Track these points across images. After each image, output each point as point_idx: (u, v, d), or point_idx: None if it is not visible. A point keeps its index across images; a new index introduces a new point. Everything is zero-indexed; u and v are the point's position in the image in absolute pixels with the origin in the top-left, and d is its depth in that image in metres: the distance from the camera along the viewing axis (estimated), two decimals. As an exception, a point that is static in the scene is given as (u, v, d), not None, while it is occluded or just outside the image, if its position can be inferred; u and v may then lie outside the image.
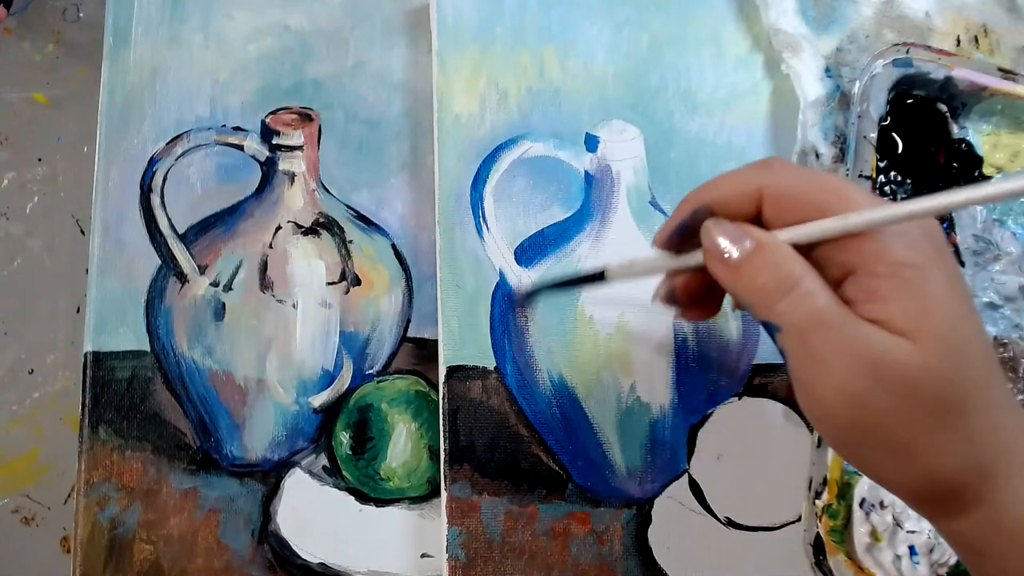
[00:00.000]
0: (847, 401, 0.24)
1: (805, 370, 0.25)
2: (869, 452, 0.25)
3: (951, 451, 0.24)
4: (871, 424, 0.24)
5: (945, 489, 0.25)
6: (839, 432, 0.25)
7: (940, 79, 0.41)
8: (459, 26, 0.41)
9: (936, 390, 0.24)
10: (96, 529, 0.36)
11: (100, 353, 0.38)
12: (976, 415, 0.24)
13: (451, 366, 0.37)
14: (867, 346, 0.24)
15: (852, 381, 0.24)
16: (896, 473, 0.25)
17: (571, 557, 0.36)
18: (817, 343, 0.24)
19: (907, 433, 0.24)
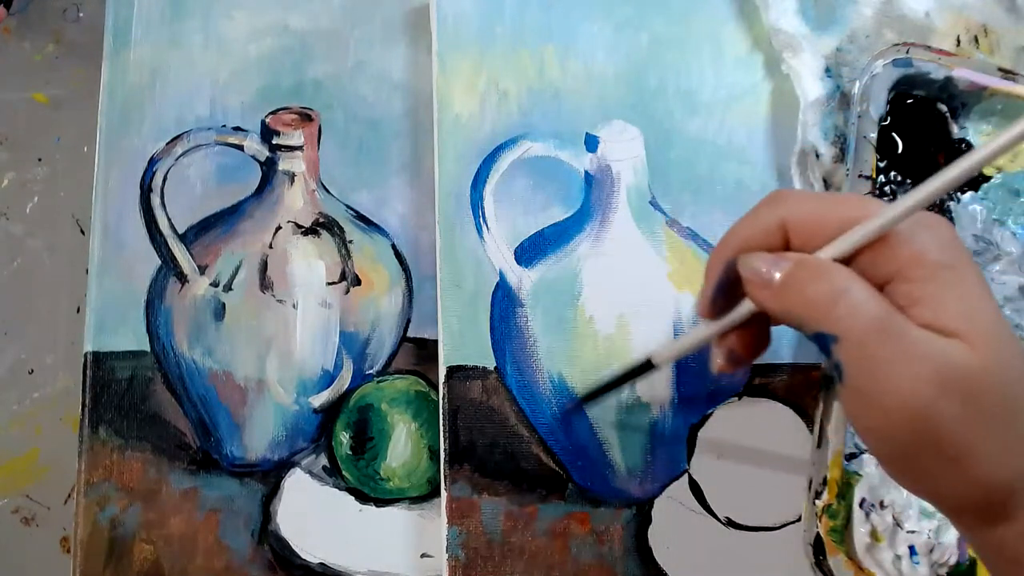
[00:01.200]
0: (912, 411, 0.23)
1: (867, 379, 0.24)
2: (928, 464, 0.24)
3: (1006, 455, 0.24)
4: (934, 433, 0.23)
5: (995, 495, 0.24)
6: (898, 445, 0.24)
7: (940, 79, 0.41)
8: (459, 26, 0.41)
9: (995, 392, 0.23)
10: (96, 529, 0.36)
11: (100, 353, 0.38)
12: None
13: (451, 366, 0.37)
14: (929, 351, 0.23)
15: (919, 389, 0.23)
16: (953, 484, 0.24)
17: (571, 557, 0.36)
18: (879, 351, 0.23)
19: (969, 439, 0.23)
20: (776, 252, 0.26)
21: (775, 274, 0.25)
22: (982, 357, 0.23)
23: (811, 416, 0.38)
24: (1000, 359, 0.23)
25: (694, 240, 0.40)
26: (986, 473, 0.24)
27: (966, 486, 0.24)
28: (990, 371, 0.23)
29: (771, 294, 0.26)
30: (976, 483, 0.24)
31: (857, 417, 0.25)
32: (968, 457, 0.23)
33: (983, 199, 0.42)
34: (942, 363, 0.23)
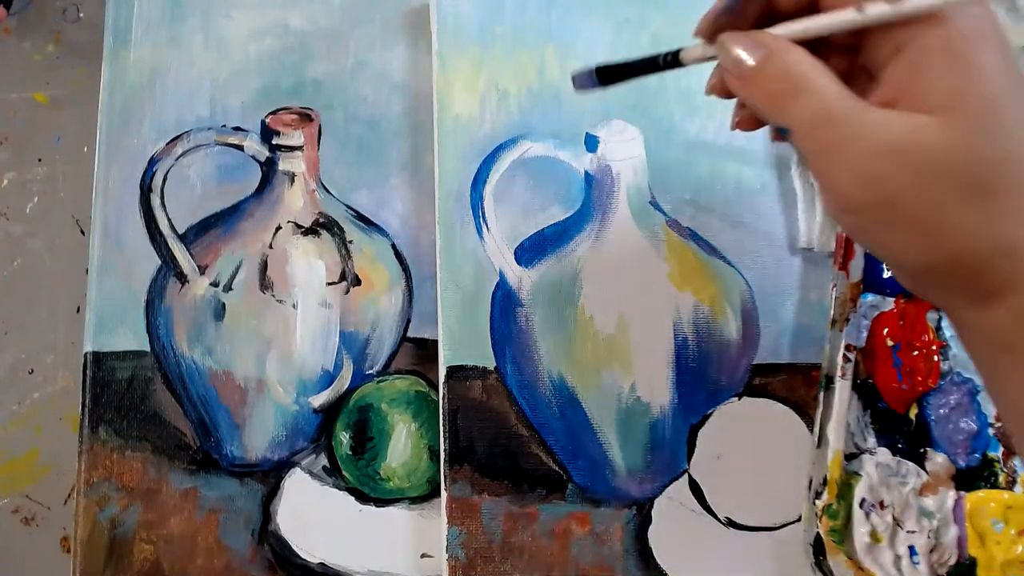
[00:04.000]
0: (863, 185, 0.24)
1: (820, 162, 0.25)
2: (888, 232, 0.25)
3: (978, 229, 0.24)
4: (887, 202, 0.24)
5: (969, 269, 0.24)
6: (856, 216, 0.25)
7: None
8: (459, 26, 0.41)
9: (960, 167, 0.23)
10: (96, 529, 0.36)
11: (100, 353, 0.38)
12: (1010, 195, 0.24)
13: (451, 366, 0.37)
14: (881, 130, 0.24)
15: (866, 163, 0.24)
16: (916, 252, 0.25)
17: (571, 557, 0.36)
18: (827, 136, 0.25)
19: (927, 209, 0.24)
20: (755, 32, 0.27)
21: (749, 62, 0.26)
22: (956, 135, 0.23)
23: (811, 416, 0.38)
24: (982, 138, 0.23)
25: (694, 240, 0.40)
26: (949, 244, 0.24)
27: (930, 255, 0.25)
28: (959, 146, 0.23)
29: (742, 84, 0.27)
30: (941, 253, 0.24)
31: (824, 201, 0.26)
32: (928, 226, 0.24)
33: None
34: (892, 140, 0.24)
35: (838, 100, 0.25)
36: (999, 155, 0.24)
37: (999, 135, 0.23)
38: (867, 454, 0.38)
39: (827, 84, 0.25)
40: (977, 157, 0.23)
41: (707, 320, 0.39)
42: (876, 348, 0.39)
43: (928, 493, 0.38)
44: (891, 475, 0.38)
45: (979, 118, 0.23)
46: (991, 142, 0.23)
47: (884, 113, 0.24)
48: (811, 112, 0.25)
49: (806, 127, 0.25)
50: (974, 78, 0.23)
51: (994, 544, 0.37)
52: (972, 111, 0.23)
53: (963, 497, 0.38)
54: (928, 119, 0.23)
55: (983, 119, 0.23)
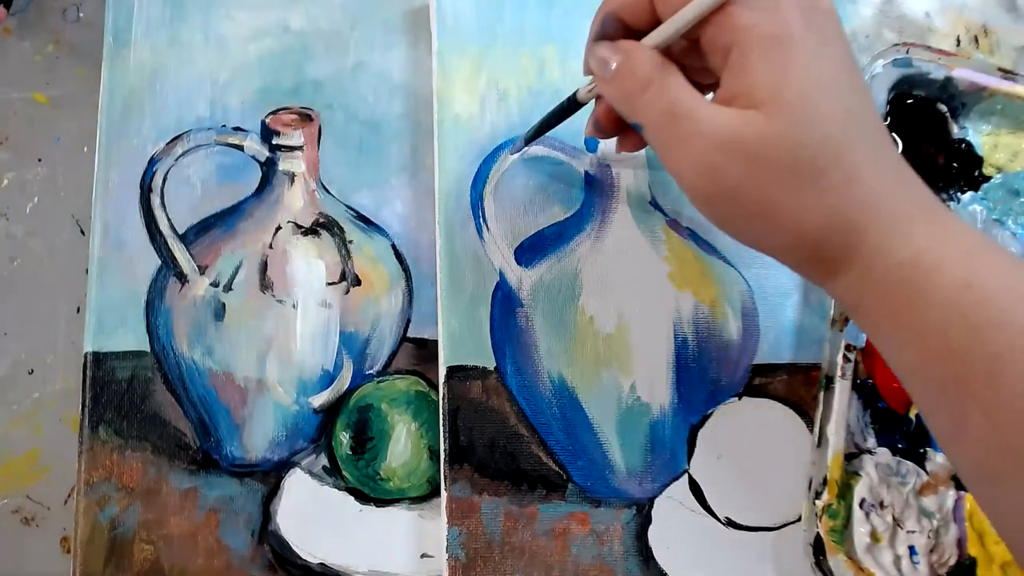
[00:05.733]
0: (703, 176, 0.26)
1: (667, 158, 0.27)
2: (736, 220, 0.28)
3: (808, 209, 0.26)
4: (728, 193, 0.26)
5: (811, 247, 0.27)
6: (708, 207, 0.28)
7: (940, 79, 0.41)
8: (459, 26, 0.41)
9: (784, 154, 0.25)
10: (96, 529, 0.36)
11: (100, 353, 0.38)
12: (833, 174, 0.26)
13: (451, 366, 0.37)
14: (716, 126, 0.26)
15: (704, 158, 0.26)
16: (764, 236, 0.28)
17: (571, 557, 0.36)
18: (671, 133, 0.27)
19: (762, 196, 0.26)
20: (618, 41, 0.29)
21: (611, 65, 0.29)
22: (776, 124, 0.25)
23: (811, 416, 0.38)
24: (800, 126, 0.25)
25: (694, 240, 0.40)
26: (788, 226, 0.27)
27: (776, 238, 0.27)
28: (780, 135, 0.25)
29: (605, 86, 0.29)
30: (784, 235, 0.27)
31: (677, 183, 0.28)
32: (767, 211, 0.26)
33: (983, 199, 0.42)
34: (727, 133, 0.26)
35: (682, 98, 0.27)
36: (816, 140, 0.25)
37: (815, 121, 0.25)
38: (867, 454, 0.38)
39: (673, 82, 0.27)
40: (797, 143, 0.25)
41: (707, 320, 0.39)
42: (876, 348, 0.39)
43: (928, 493, 0.38)
44: (891, 475, 0.38)
45: (795, 108, 0.25)
46: (808, 128, 0.25)
47: (720, 109, 0.26)
48: (658, 108, 0.27)
49: (654, 123, 0.27)
50: (788, 73, 0.25)
51: (994, 544, 0.37)
52: (789, 102, 0.25)
53: (963, 497, 0.38)
54: (754, 113, 0.26)
55: (799, 108, 0.25)
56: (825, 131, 0.26)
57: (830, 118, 0.26)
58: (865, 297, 0.27)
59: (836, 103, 0.26)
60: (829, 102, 0.26)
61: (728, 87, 0.27)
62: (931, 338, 0.26)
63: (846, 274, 0.27)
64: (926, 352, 0.26)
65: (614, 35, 0.29)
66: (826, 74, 0.26)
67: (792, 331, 0.39)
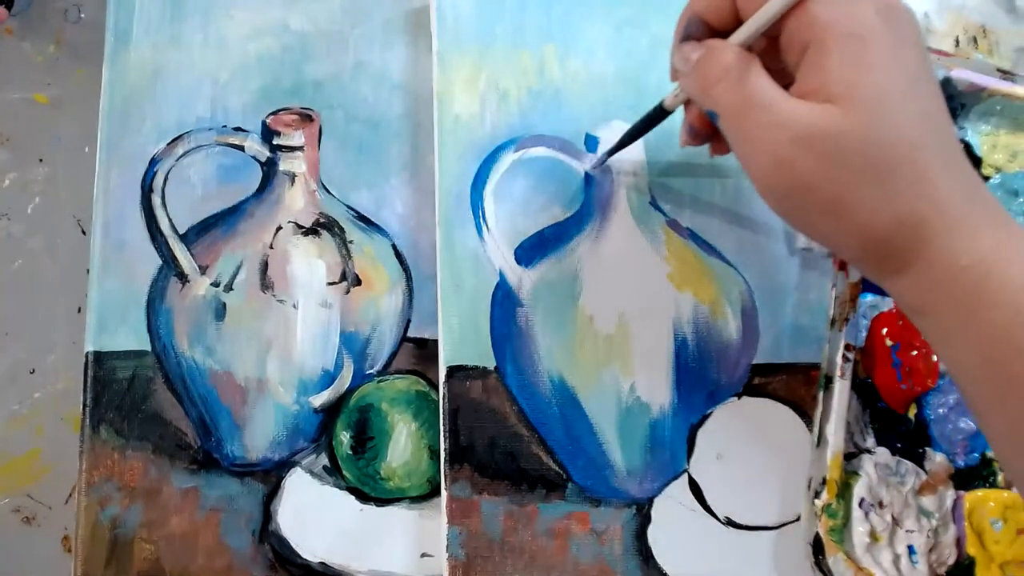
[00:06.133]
0: (777, 169, 0.27)
1: (741, 146, 0.28)
2: (806, 214, 0.28)
3: (878, 207, 0.26)
4: (801, 186, 0.27)
5: (879, 244, 0.27)
6: (778, 199, 0.28)
7: (939, 79, 0.41)
8: (459, 26, 0.41)
9: (858, 150, 0.26)
10: (97, 529, 0.36)
11: (101, 353, 0.38)
12: (905, 173, 0.26)
13: (451, 366, 0.37)
14: (791, 119, 0.26)
15: (779, 151, 0.26)
16: (833, 231, 0.28)
17: (571, 557, 0.36)
18: (746, 122, 0.27)
19: (835, 191, 0.26)
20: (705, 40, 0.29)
21: (693, 57, 0.29)
22: (852, 120, 0.25)
23: (811, 416, 0.38)
24: (875, 123, 0.25)
25: (694, 240, 0.40)
26: (858, 222, 0.27)
27: (845, 234, 0.27)
28: (856, 131, 0.25)
29: (687, 81, 0.30)
30: (853, 231, 0.27)
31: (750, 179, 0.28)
32: (838, 207, 0.27)
33: (982, 199, 0.42)
34: (805, 126, 0.26)
35: (760, 88, 0.27)
36: (892, 138, 0.26)
37: (889, 119, 0.26)
38: (866, 454, 0.38)
39: (753, 73, 0.27)
40: (871, 140, 0.26)
41: (707, 320, 0.39)
42: (875, 348, 0.39)
43: (927, 492, 0.38)
44: (890, 475, 0.38)
45: (872, 105, 0.25)
46: (884, 126, 0.26)
47: (796, 103, 0.26)
48: (736, 97, 0.27)
49: (730, 112, 0.28)
50: (865, 70, 0.26)
51: (993, 543, 0.37)
52: (865, 99, 0.25)
53: (962, 496, 0.38)
54: (831, 107, 0.26)
55: (875, 106, 0.25)
56: (900, 130, 0.26)
57: (905, 118, 0.26)
58: (929, 298, 0.27)
59: (912, 104, 0.26)
60: (905, 102, 0.26)
61: (804, 83, 0.27)
62: (995, 340, 0.26)
63: (911, 274, 0.27)
64: (990, 354, 0.26)
65: (699, 37, 0.30)
66: (903, 74, 0.26)
67: (792, 331, 0.39)
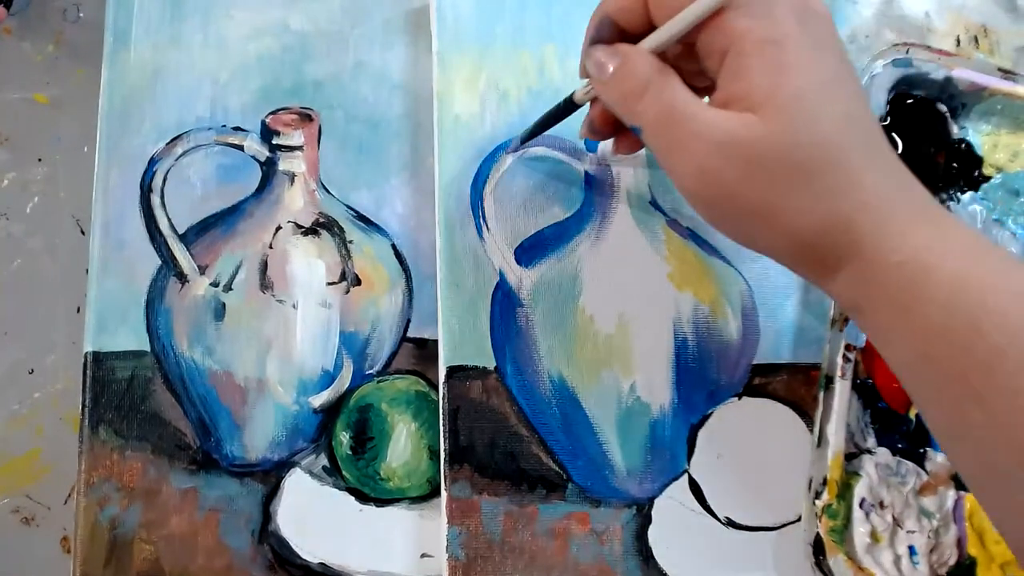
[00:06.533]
0: (702, 178, 0.27)
1: (666, 159, 0.28)
2: (736, 221, 0.28)
3: (806, 210, 0.26)
4: (727, 195, 0.27)
5: (809, 247, 0.27)
6: (707, 208, 0.28)
7: (940, 79, 0.41)
8: (459, 26, 0.41)
9: (780, 156, 0.26)
10: (96, 529, 0.36)
11: (100, 353, 0.38)
12: (830, 176, 0.26)
13: (451, 366, 0.37)
14: (713, 129, 0.26)
15: (704, 160, 0.26)
16: (762, 237, 0.28)
17: (571, 557, 0.36)
18: (669, 136, 0.27)
19: (760, 198, 0.26)
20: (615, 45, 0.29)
21: (608, 68, 0.29)
22: (769, 126, 0.25)
23: (811, 416, 0.38)
24: (796, 128, 0.25)
25: (694, 240, 0.40)
26: (786, 227, 0.27)
27: (775, 239, 0.28)
28: (775, 137, 0.25)
29: (602, 88, 0.29)
30: (782, 236, 0.27)
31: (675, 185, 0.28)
32: (764, 213, 0.27)
33: (983, 199, 0.42)
34: (725, 137, 0.26)
35: (680, 101, 0.27)
36: (814, 141, 0.26)
37: (812, 124, 0.26)
38: (867, 454, 0.38)
39: (672, 85, 0.27)
40: (792, 144, 0.25)
41: (707, 320, 0.39)
42: (875, 347, 0.39)
43: (928, 493, 0.38)
44: (891, 475, 0.38)
45: (792, 110, 0.25)
46: (805, 130, 0.25)
47: (717, 112, 0.26)
48: (656, 111, 0.27)
49: (652, 125, 0.28)
50: (784, 76, 0.25)
51: (993, 544, 0.37)
52: (785, 104, 0.25)
53: (963, 497, 0.38)
54: (751, 116, 0.26)
55: (796, 110, 0.25)
56: (822, 133, 0.26)
57: (827, 120, 0.26)
58: (864, 297, 0.27)
59: (833, 106, 0.26)
60: (826, 105, 0.26)
61: (724, 91, 0.27)
62: (930, 336, 0.26)
63: (844, 274, 0.27)
64: (926, 350, 0.26)
65: (609, 39, 0.29)
66: (822, 77, 0.26)
67: (792, 331, 0.39)
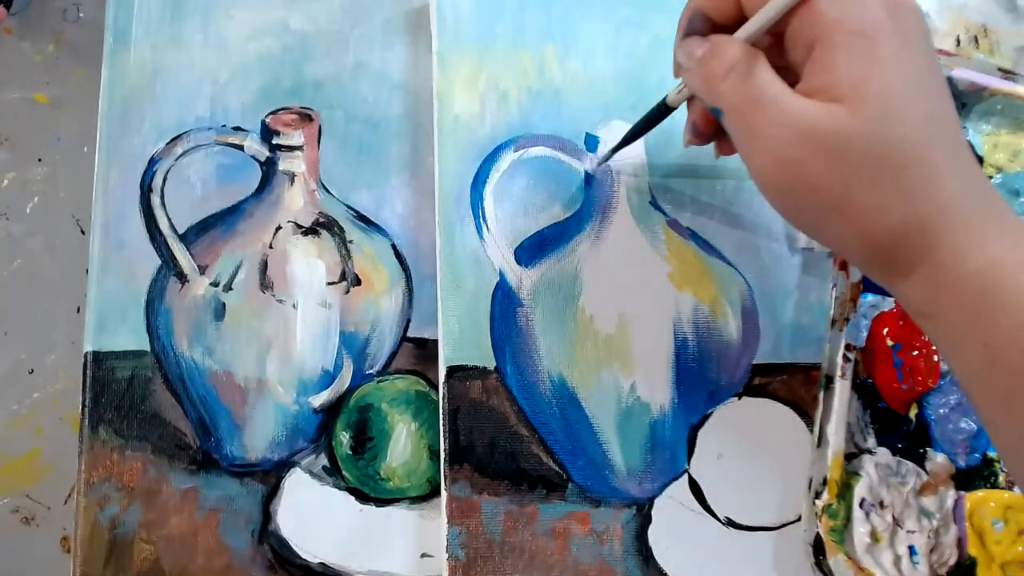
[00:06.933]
0: (782, 168, 0.26)
1: (746, 144, 0.27)
2: (811, 214, 0.27)
3: (886, 208, 0.26)
4: (806, 186, 0.26)
5: (884, 246, 0.27)
6: (782, 199, 0.27)
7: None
8: (459, 26, 0.41)
9: (866, 150, 0.25)
10: (96, 529, 0.36)
11: (100, 353, 0.38)
12: (913, 174, 0.25)
13: (451, 366, 0.37)
14: (799, 117, 0.26)
15: (785, 149, 0.26)
16: (837, 232, 0.27)
17: (571, 557, 0.36)
18: (752, 119, 0.27)
19: (840, 191, 0.26)
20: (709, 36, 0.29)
21: (697, 53, 0.28)
22: (860, 120, 0.25)
23: (811, 416, 0.38)
24: (883, 122, 0.25)
25: (694, 240, 0.40)
26: (863, 223, 0.26)
27: (850, 236, 0.27)
28: (862, 131, 0.25)
29: (690, 76, 0.29)
30: (858, 232, 0.26)
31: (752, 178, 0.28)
32: (843, 207, 0.26)
33: (983, 199, 0.42)
34: (810, 126, 0.25)
35: (766, 85, 0.26)
36: (899, 138, 0.25)
37: (898, 119, 0.25)
38: (867, 454, 0.38)
39: (759, 69, 0.27)
40: (878, 138, 0.25)
41: (707, 320, 0.39)
42: (876, 348, 0.39)
43: (928, 493, 0.38)
44: (891, 475, 0.38)
45: (879, 104, 0.25)
46: (891, 126, 0.25)
47: (803, 101, 0.26)
48: (742, 93, 0.27)
49: (735, 109, 0.27)
50: (874, 69, 0.25)
51: (994, 544, 0.37)
52: (871, 97, 0.25)
53: (963, 497, 0.38)
54: (838, 107, 0.25)
55: (883, 105, 0.25)
56: (907, 130, 0.25)
57: (913, 117, 0.25)
58: (935, 302, 0.27)
59: (919, 103, 0.25)
60: (913, 102, 0.25)
61: (811, 81, 0.26)
62: (1002, 346, 0.25)
63: (916, 277, 0.27)
64: (996, 360, 0.25)
65: (702, 32, 0.29)
66: (910, 74, 0.25)
67: (792, 331, 0.39)
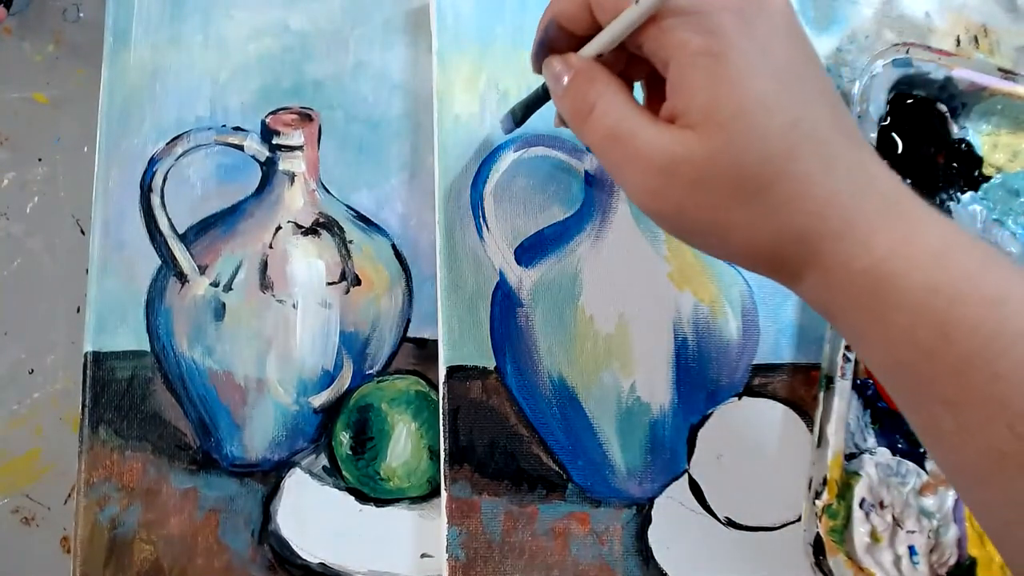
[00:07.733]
0: (649, 197, 0.27)
1: (614, 176, 0.28)
2: (688, 235, 0.28)
3: (755, 226, 0.26)
4: (676, 213, 0.27)
5: (765, 259, 0.27)
6: (659, 222, 0.28)
7: (940, 79, 0.41)
8: (459, 26, 0.41)
9: (721, 175, 0.25)
10: (96, 529, 0.36)
11: (100, 353, 0.38)
12: (778, 189, 0.25)
13: (451, 366, 0.37)
14: (655, 150, 0.26)
15: (647, 182, 0.26)
16: (717, 249, 0.28)
17: (571, 557, 0.36)
18: (612, 156, 0.27)
19: (708, 215, 0.26)
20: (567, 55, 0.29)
21: (563, 80, 0.29)
22: (711, 147, 0.25)
23: (811, 416, 0.38)
24: (738, 146, 0.25)
25: (694, 240, 0.40)
26: (741, 241, 0.27)
27: (731, 252, 0.28)
28: (720, 161, 0.25)
29: (559, 100, 0.30)
30: (739, 250, 0.27)
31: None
32: (717, 230, 0.26)
33: (983, 199, 0.42)
34: (664, 160, 0.26)
35: (623, 120, 0.27)
36: (756, 157, 0.25)
37: (754, 138, 0.25)
38: (867, 454, 0.38)
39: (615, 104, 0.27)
40: (733, 163, 0.25)
41: (707, 320, 0.39)
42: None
43: (928, 493, 0.38)
44: (891, 475, 0.38)
45: (731, 127, 0.25)
46: (746, 147, 0.25)
47: (659, 132, 0.26)
48: (600, 132, 0.27)
49: (598, 146, 0.28)
50: (722, 91, 0.25)
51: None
52: (724, 122, 0.25)
53: (963, 497, 0.38)
54: (691, 135, 0.25)
55: (735, 127, 0.25)
56: (765, 147, 0.25)
57: (771, 132, 0.25)
58: (833, 303, 0.27)
59: (779, 114, 0.25)
60: (770, 115, 0.25)
61: (670, 104, 0.26)
62: (899, 342, 0.25)
63: (809, 282, 0.27)
64: (895, 356, 0.26)
65: (557, 38, 0.29)
66: (768, 84, 0.25)
67: (792, 331, 0.39)
